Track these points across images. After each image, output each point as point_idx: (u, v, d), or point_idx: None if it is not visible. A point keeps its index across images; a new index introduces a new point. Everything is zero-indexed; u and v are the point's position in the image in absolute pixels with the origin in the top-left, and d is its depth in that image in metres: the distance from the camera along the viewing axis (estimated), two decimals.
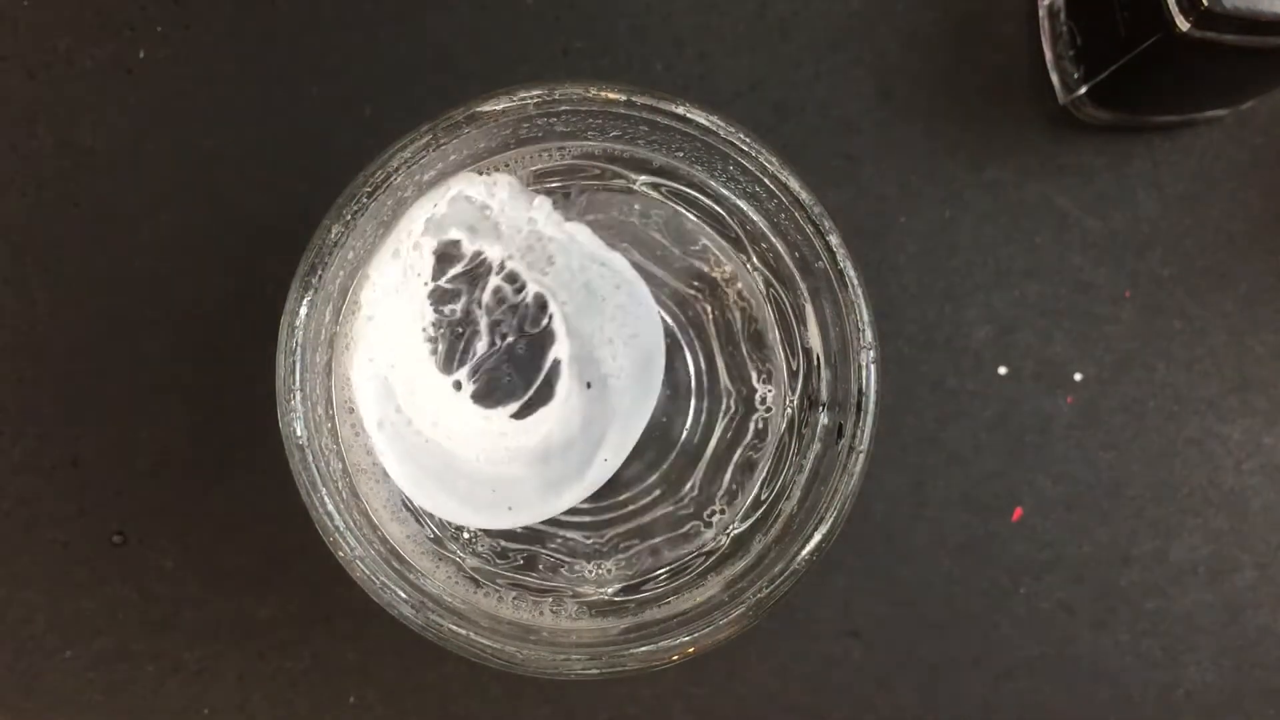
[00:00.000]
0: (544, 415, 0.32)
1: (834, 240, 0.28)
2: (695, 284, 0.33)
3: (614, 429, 0.32)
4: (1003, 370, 0.40)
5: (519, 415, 0.32)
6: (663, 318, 0.32)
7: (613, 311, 0.32)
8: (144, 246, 0.39)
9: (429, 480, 0.31)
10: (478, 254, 0.32)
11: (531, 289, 0.32)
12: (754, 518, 0.32)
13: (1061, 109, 0.39)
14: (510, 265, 0.32)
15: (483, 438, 0.32)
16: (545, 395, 0.32)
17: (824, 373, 0.31)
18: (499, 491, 0.32)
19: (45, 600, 0.39)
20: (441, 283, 0.32)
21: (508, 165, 0.31)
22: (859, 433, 0.29)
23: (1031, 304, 0.40)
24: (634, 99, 0.28)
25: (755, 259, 0.32)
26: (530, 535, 0.32)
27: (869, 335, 0.29)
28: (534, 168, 0.32)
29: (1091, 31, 0.37)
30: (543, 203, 0.32)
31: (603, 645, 0.29)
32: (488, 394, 0.32)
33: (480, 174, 0.31)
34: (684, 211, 0.32)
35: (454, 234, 0.32)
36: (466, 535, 0.32)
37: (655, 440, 0.33)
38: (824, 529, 0.29)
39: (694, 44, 0.39)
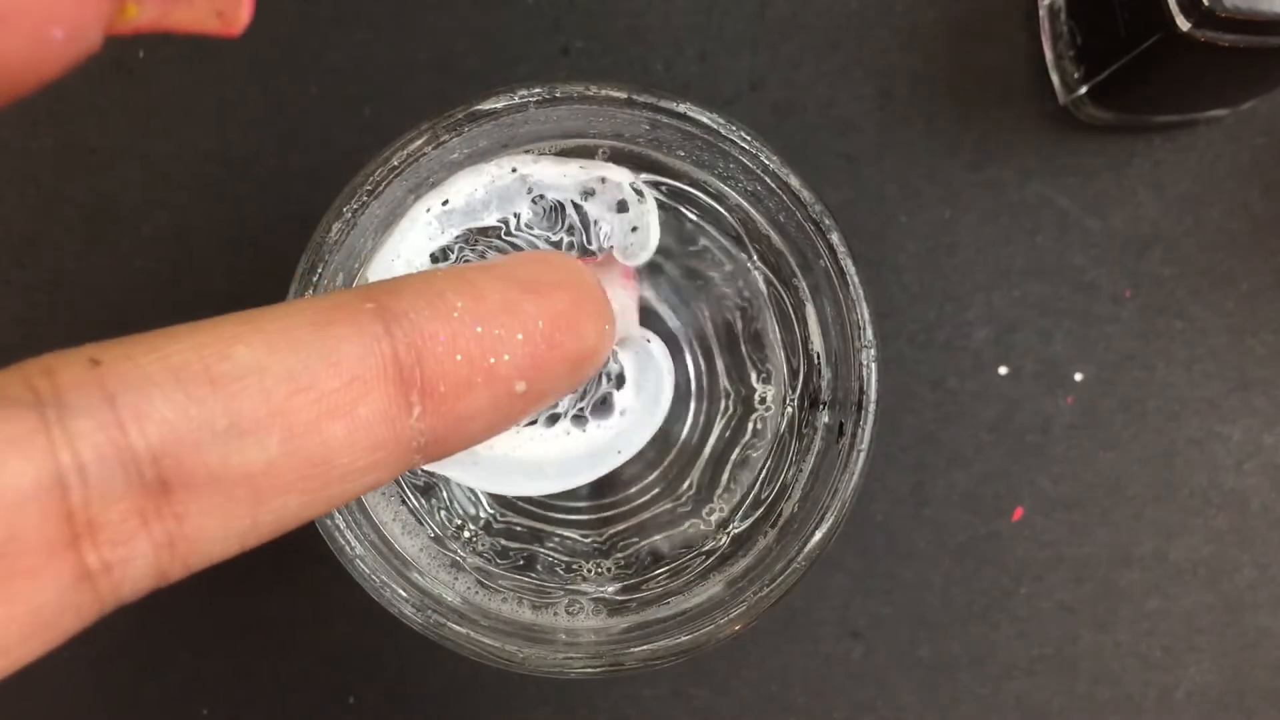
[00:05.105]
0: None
1: (835, 238, 0.28)
2: (695, 283, 0.33)
3: (666, 374, 0.31)
4: (1003, 370, 0.40)
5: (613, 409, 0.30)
6: (662, 318, 0.32)
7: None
8: (144, 246, 0.39)
9: (475, 468, 0.30)
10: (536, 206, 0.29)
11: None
12: (754, 517, 0.32)
13: (1061, 109, 0.39)
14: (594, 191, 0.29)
15: (556, 443, 0.30)
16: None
17: (824, 371, 0.31)
18: (571, 461, 0.30)
19: None
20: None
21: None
22: (860, 431, 0.29)
23: (1031, 304, 0.40)
24: (635, 97, 0.28)
25: (755, 258, 0.32)
26: (530, 535, 0.32)
27: (869, 333, 0.29)
28: None
29: (1091, 31, 0.37)
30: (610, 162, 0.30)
31: (603, 644, 0.29)
32: (587, 415, 0.30)
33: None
34: (684, 210, 0.32)
35: (479, 216, 0.30)
36: (467, 534, 0.32)
37: (654, 439, 0.33)
38: (824, 528, 0.29)
39: (694, 44, 0.39)
